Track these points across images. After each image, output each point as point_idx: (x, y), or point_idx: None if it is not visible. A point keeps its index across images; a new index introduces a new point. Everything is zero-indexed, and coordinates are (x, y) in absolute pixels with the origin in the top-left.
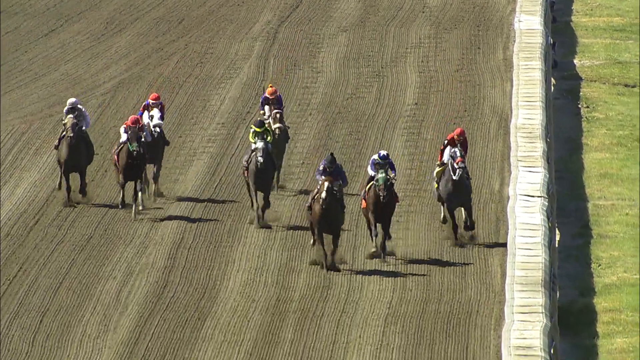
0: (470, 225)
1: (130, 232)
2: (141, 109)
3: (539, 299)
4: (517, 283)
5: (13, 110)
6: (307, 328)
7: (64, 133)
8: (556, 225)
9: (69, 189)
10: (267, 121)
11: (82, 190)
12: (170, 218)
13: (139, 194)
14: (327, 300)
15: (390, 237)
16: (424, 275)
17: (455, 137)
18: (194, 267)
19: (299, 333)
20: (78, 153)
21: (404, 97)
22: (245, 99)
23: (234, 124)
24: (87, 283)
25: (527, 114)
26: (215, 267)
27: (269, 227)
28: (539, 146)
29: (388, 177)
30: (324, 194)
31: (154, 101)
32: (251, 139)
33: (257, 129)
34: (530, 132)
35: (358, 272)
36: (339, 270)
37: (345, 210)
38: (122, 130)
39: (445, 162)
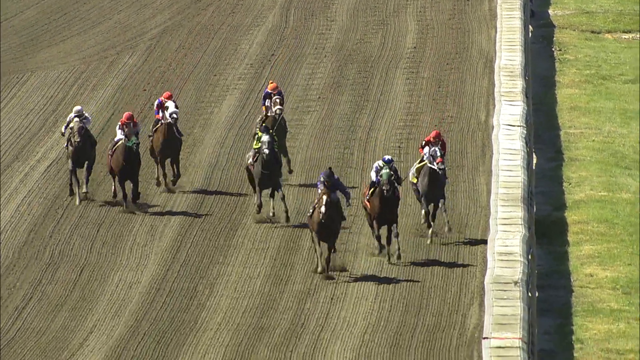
0: (448, 229)
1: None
2: (155, 108)
3: (519, 213)
4: (500, 199)
5: (74, 52)
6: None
7: (71, 136)
8: (533, 150)
9: (77, 184)
10: (272, 115)
11: (86, 179)
12: (205, 144)
13: (133, 190)
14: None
15: (397, 235)
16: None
17: (432, 139)
18: (227, 186)
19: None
20: (84, 152)
21: (404, 41)
22: (270, 44)
23: (261, 65)
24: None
25: (509, 56)
26: (245, 187)
27: (278, 221)
28: (519, 83)
29: (391, 172)
30: (323, 209)
31: (166, 99)
32: (255, 145)
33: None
34: (511, 72)
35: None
36: (333, 279)
37: (344, 220)
38: (117, 128)
39: (424, 159)
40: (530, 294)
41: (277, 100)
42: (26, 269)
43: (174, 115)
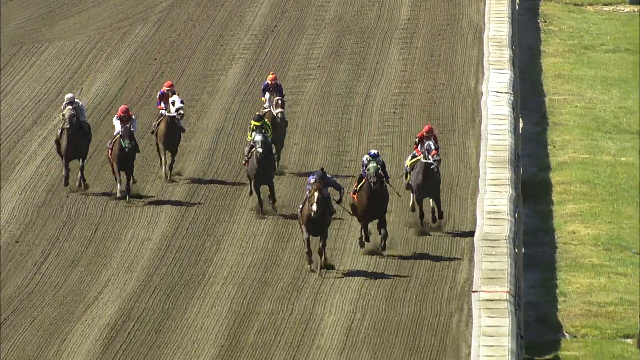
0: (438, 215)
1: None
2: (158, 99)
3: (506, 174)
4: (489, 161)
5: (89, 24)
6: None
7: (62, 124)
8: (520, 115)
9: (67, 175)
10: (267, 110)
11: (81, 169)
12: (212, 109)
13: (131, 180)
14: None
15: (387, 235)
16: None
17: (425, 133)
18: (233, 150)
19: None
20: (77, 141)
21: (399, 14)
22: (273, 15)
23: (264, 35)
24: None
25: (497, 27)
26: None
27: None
28: (506, 53)
29: (378, 167)
30: (314, 207)
31: (168, 88)
32: (249, 137)
33: (256, 123)
34: (499, 42)
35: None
36: (323, 277)
37: (333, 214)
38: (114, 119)
39: (416, 155)
40: (516, 250)
41: (279, 102)
42: (44, 227)
43: (181, 112)
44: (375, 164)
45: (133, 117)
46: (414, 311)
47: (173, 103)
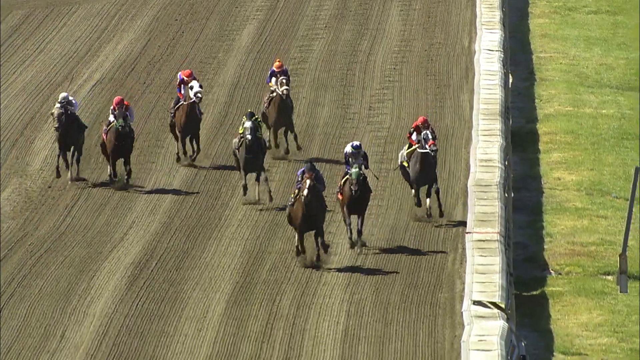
0: (439, 213)
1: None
2: (177, 85)
3: (497, 125)
4: (481, 113)
5: None
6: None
7: (52, 123)
8: (509, 71)
9: (67, 166)
10: (274, 95)
11: (77, 161)
12: (228, 66)
13: (128, 167)
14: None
15: (361, 233)
16: (412, 106)
17: (420, 124)
18: (247, 104)
19: None
20: (69, 137)
21: None
22: None
23: None
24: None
25: None
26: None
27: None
28: (497, 14)
29: (361, 172)
30: (305, 192)
31: (187, 77)
32: (240, 131)
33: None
34: (490, 4)
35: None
36: (319, 268)
37: (326, 209)
38: (110, 112)
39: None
40: (506, 195)
41: (284, 81)
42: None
43: (199, 95)
44: (357, 170)
45: (130, 107)
46: (413, 251)
47: (191, 87)
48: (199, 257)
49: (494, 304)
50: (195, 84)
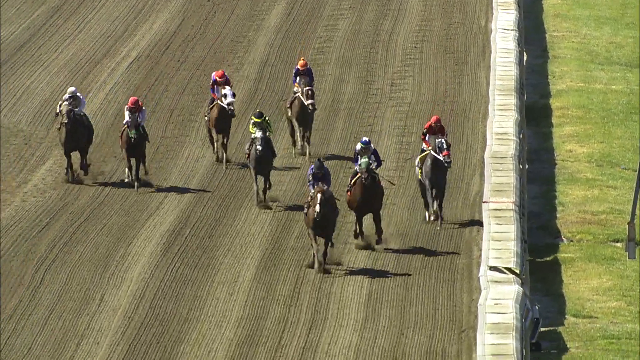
0: (439, 215)
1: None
2: (210, 85)
3: (512, 100)
4: (498, 89)
5: None
6: None
7: (61, 119)
8: (524, 49)
9: (70, 166)
10: (296, 95)
11: (84, 168)
12: (258, 44)
13: (142, 166)
14: None
15: (381, 232)
16: (431, 81)
17: (433, 124)
18: (275, 80)
19: None
20: (75, 134)
21: None
22: None
23: None
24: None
25: None
26: (287, 82)
27: (269, 208)
28: None
29: (370, 162)
30: (317, 207)
31: (220, 78)
32: (251, 130)
33: (257, 120)
34: None
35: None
36: (330, 273)
37: (338, 215)
38: (125, 109)
39: (425, 149)
40: (521, 167)
41: (309, 93)
42: (112, 146)
43: (232, 107)
44: (366, 159)
45: (143, 108)
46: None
47: (225, 96)
48: (230, 225)
49: (509, 270)
50: (228, 91)
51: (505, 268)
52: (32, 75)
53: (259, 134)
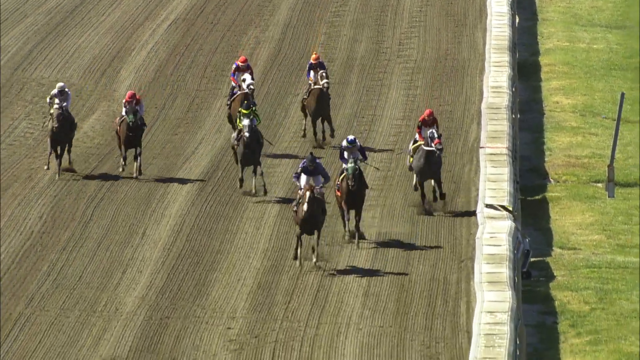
0: (440, 196)
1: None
2: (232, 71)
3: (506, 58)
4: (493, 48)
5: None
6: None
7: (51, 121)
8: (516, 13)
9: (57, 158)
10: (312, 88)
11: (68, 151)
12: (282, 8)
13: (139, 158)
14: None
15: (359, 228)
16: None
17: (426, 117)
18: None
19: None
20: (62, 133)
21: None
22: None
23: None
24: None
25: None
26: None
27: (255, 196)
28: None
29: (357, 167)
30: (305, 206)
31: (242, 64)
32: (239, 124)
33: (245, 111)
34: None
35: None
36: (320, 267)
37: (326, 213)
38: (123, 106)
39: (418, 140)
40: (513, 116)
41: (324, 75)
42: (154, 97)
43: (251, 87)
44: (353, 165)
45: (141, 100)
46: None
47: (244, 80)
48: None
49: (503, 207)
50: (247, 76)
51: (500, 205)
52: (82, 35)
53: (246, 121)
